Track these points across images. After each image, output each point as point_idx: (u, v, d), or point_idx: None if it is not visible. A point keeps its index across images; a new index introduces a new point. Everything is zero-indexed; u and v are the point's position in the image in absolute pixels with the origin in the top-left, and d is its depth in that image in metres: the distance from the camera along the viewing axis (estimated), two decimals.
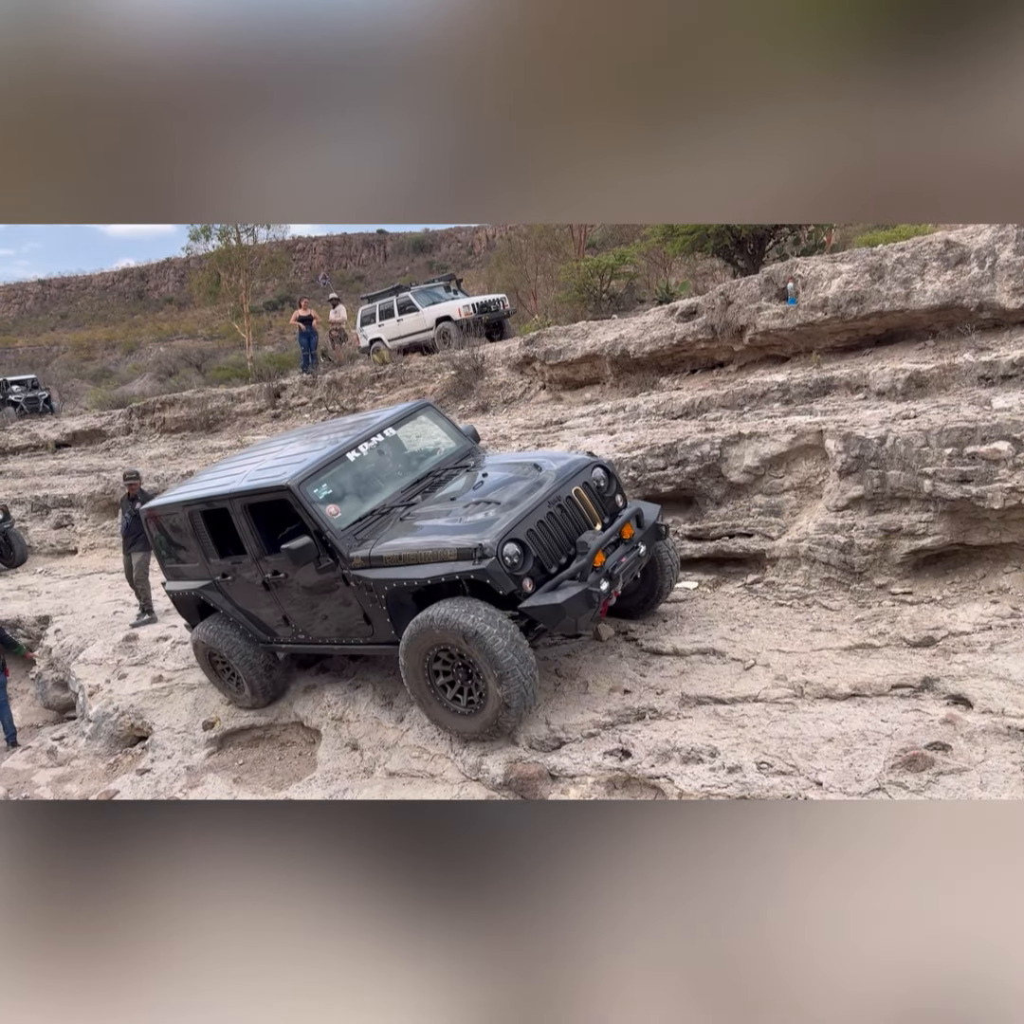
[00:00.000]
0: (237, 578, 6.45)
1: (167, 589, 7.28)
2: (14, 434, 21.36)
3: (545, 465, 5.60)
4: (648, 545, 5.46)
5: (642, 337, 9.35)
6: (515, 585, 4.87)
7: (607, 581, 5.04)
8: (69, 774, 7.52)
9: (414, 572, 5.14)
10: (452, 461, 6.23)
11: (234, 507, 6.07)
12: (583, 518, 5.32)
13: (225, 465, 7.13)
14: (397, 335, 16.75)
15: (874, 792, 3.96)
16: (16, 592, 12.04)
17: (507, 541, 4.89)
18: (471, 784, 5.08)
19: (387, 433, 6.24)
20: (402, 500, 5.82)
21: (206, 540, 6.50)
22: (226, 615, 6.74)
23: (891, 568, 5.75)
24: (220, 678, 6.99)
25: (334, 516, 5.59)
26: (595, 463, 5.63)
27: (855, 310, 7.33)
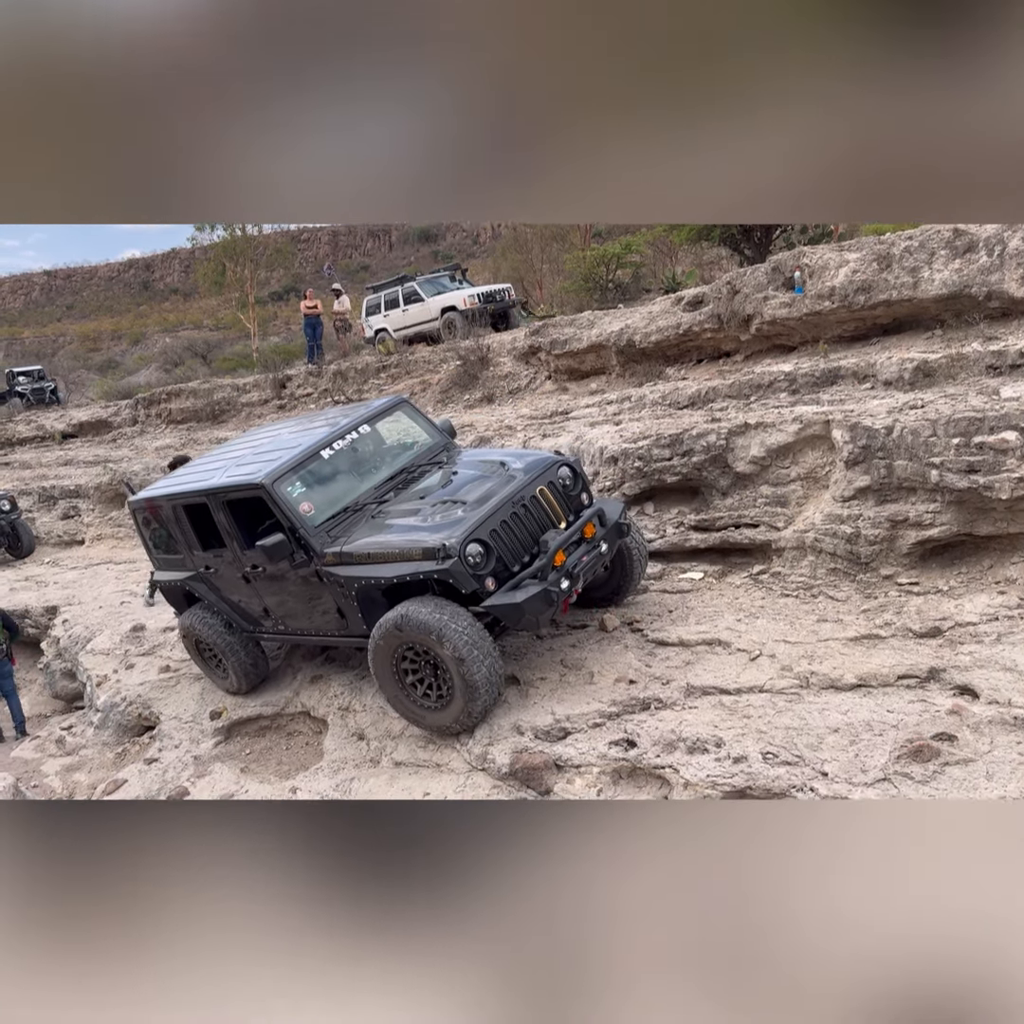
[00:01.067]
0: (219, 570, 6.60)
1: (154, 579, 7.48)
2: (21, 425, 21.42)
3: (512, 464, 5.71)
4: (610, 543, 5.55)
5: (648, 327, 9.31)
6: (477, 584, 5.01)
7: (567, 580, 5.16)
8: (78, 763, 7.58)
9: (382, 571, 5.29)
10: (426, 458, 6.33)
11: (213, 502, 6.20)
12: (547, 517, 5.44)
13: (208, 458, 7.29)
14: (402, 325, 16.72)
15: (880, 782, 3.96)
16: (24, 582, 12.10)
17: (470, 541, 5.03)
18: (477, 774, 5.09)
19: (362, 430, 6.34)
20: (375, 497, 5.93)
21: (189, 533, 6.64)
22: (211, 604, 6.89)
23: (898, 558, 5.73)
24: (207, 664, 7.18)
25: (307, 513, 5.72)
26: (561, 462, 5.73)
27: (862, 299, 7.28)
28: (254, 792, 5.84)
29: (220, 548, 6.46)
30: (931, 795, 3.81)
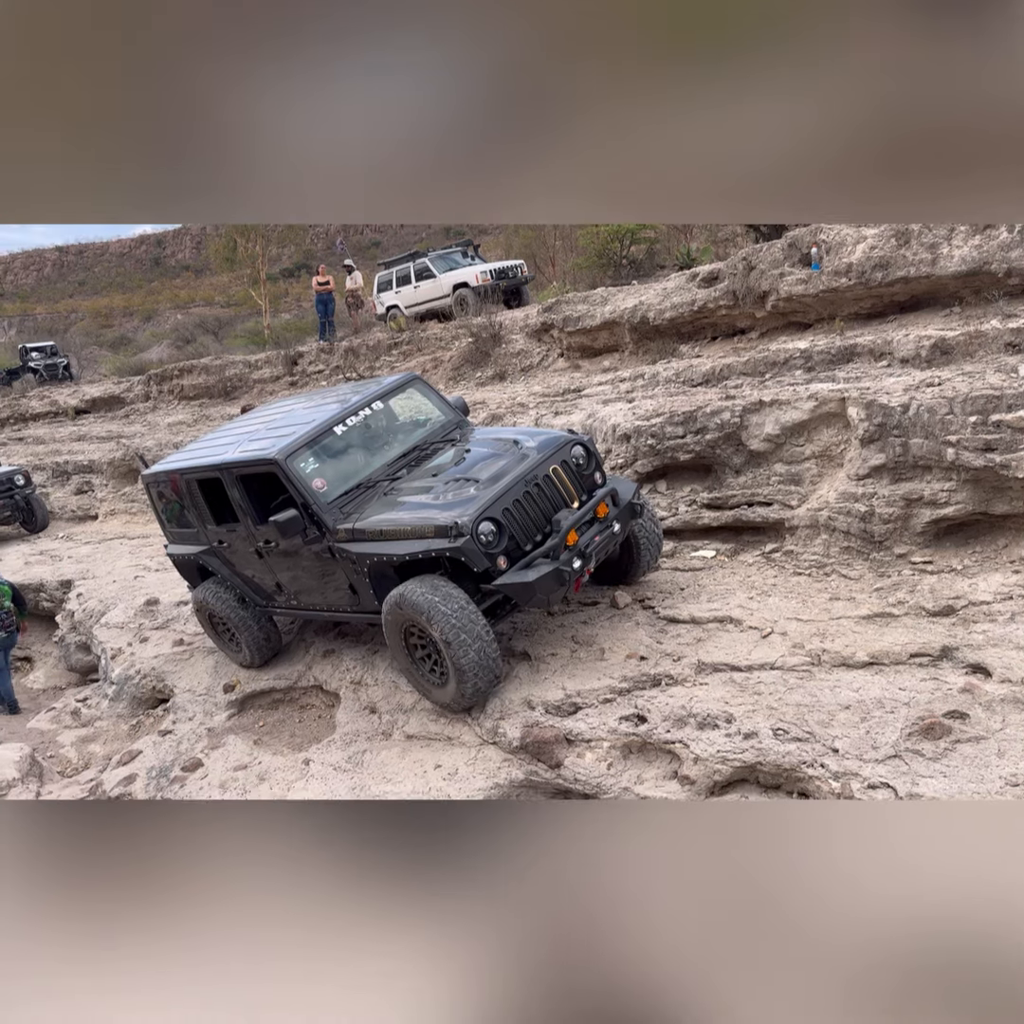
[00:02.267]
0: (232, 545, 6.61)
1: (168, 552, 7.51)
2: (34, 400, 21.50)
3: (525, 442, 5.66)
4: (623, 523, 5.52)
5: (662, 303, 9.24)
6: (489, 563, 5.01)
7: (580, 559, 5.15)
8: (92, 735, 7.67)
9: (394, 547, 5.29)
10: (439, 435, 6.30)
11: (226, 477, 6.20)
12: (560, 496, 5.40)
13: (221, 432, 7.28)
14: (414, 302, 16.64)
15: (891, 759, 3.97)
16: (39, 557, 12.20)
17: (482, 520, 5.02)
18: (488, 747, 5.13)
19: (375, 406, 6.31)
20: (387, 474, 5.92)
21: (203, 507, 6.65)
22: (224, 579, 6.92)
23: (912, 537, 5.70)
24: (220, 638, 7.23)
25: (320, 490, 5.73)
26: (575, 440, 5.68)
27: (880, 276, 7.20)
28: (267, 763, 5.90)
29: (233, 523, 6.46)
30: (942, 772, 3.82)
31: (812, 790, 4.08)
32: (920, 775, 3.84)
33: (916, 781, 3.81)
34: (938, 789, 3.73)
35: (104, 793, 6.26)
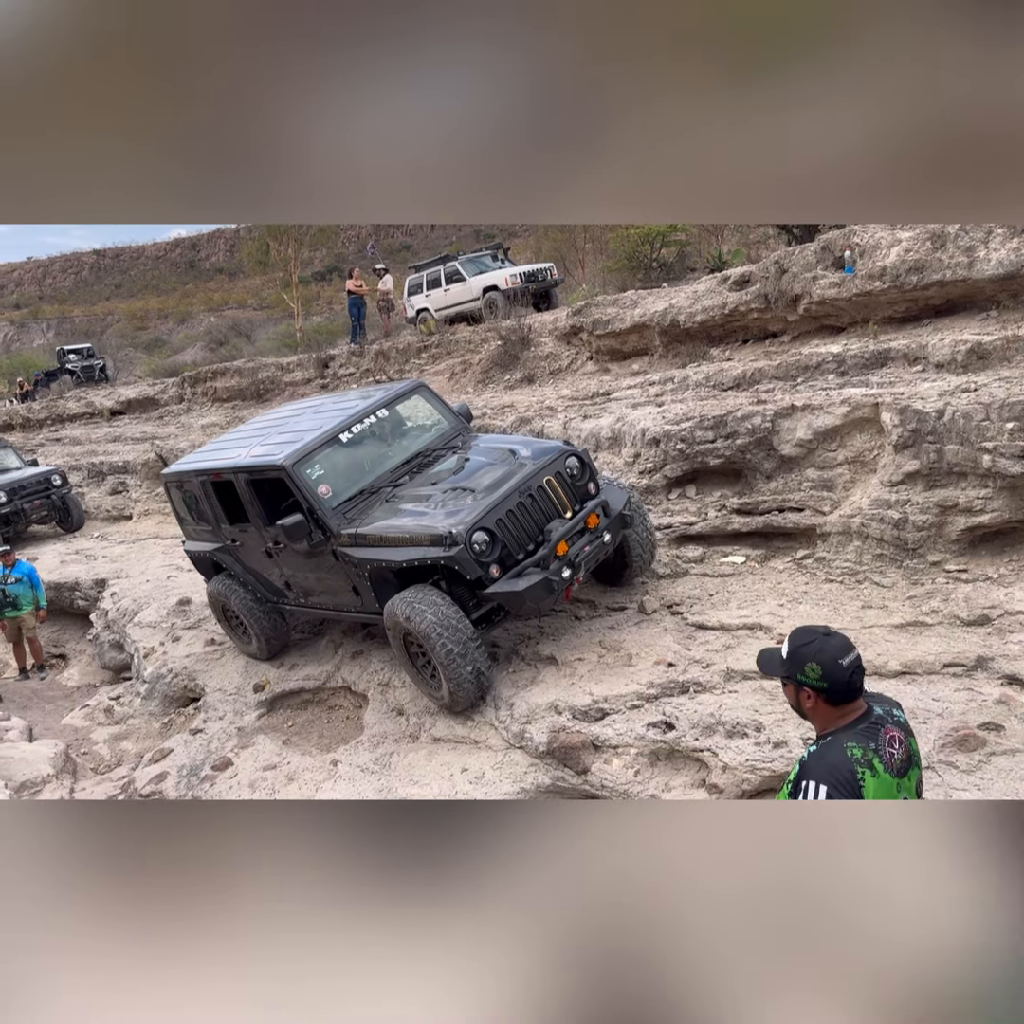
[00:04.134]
0: (244, 544, 6.88)
1: (185, 549, 7.88)
2: (71, 402, 21.91)
3: (521, 452, 5.83)
4: (613, 533, 5.69)
5: (693, 306, 9.19)
6: (482, 571, 5.19)
7: (569, 569, 5.32)
8: (125, 732, 7.79)
9: (392, 554, 5.49)
10: (441, 442, 6.49)
11: (238, 480, 6.44)
12: (553, 506, 5.55)
13: (236, 433, 7.59)
14: (444, 305, 16.70)
15: (924, 771, 3.90)
16: (74, 556, 12.41)
17: (476, 530, 5.19)
18: (514, 751, 5.13)
19: (380, 414, 6.51)
20: (390, 480, 6.13)
21: (216, 507, 6.92)
22: (237, 574, 7.22)
23: (946, 545, 5.61)
24: (232, 628, 7.53)
25: (325, 496, 5.95)
26: (569, 452, 5.80)
27: (915, 279, 7.10)
28: (296, 764, 5.95)
29: (245, 523, 6.70)
30: (976, 784, 3.75)
31: None
32: (953, 787, 3.77)
33: (950, 793, 3.74)
34: None
35: (136, 791, 6.35)
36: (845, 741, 2.19)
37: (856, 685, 2.23)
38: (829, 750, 2.20)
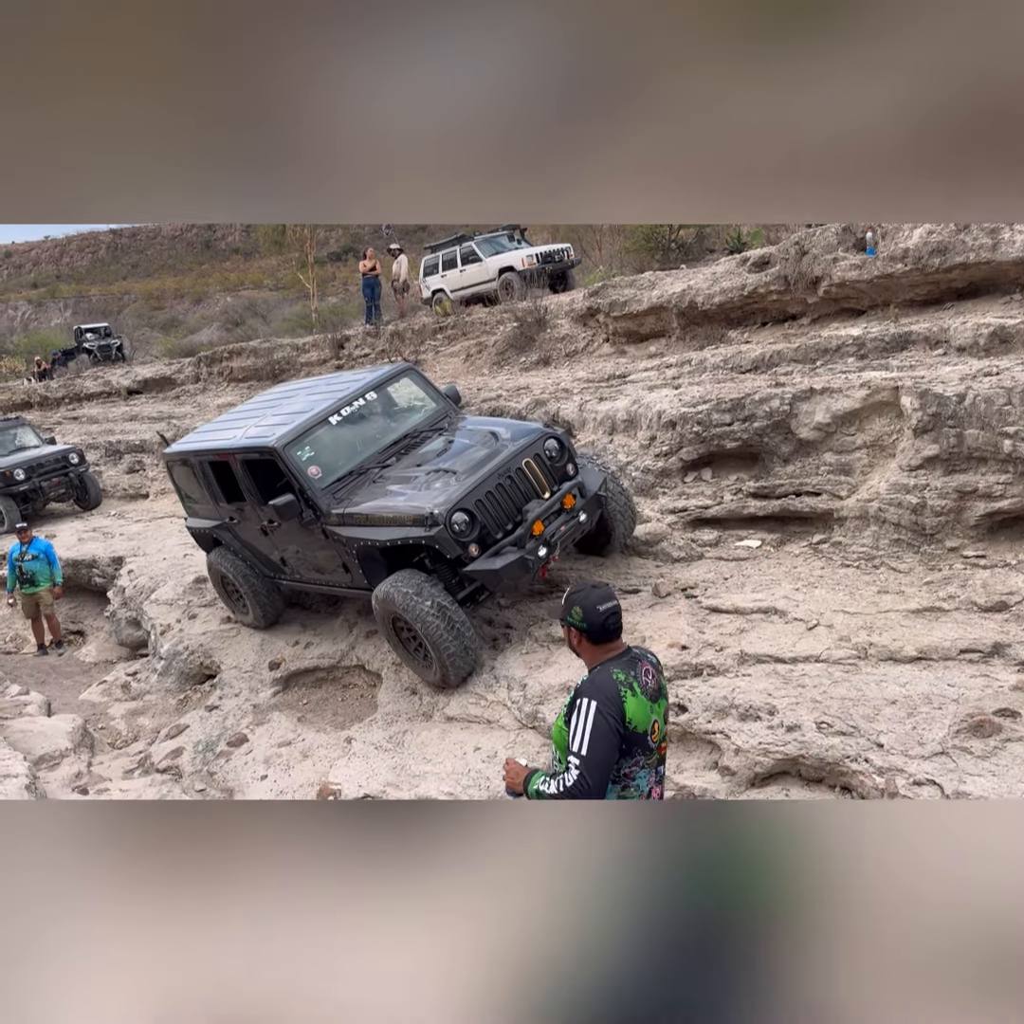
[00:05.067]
0: (241, 522, 7.15)
1: (187, 526, 8.20)
2: (88, 381, 22.01)
3: (503, 435, 6.03)
4: (589, 513, 5.87)
5: (711, 288, 9.11)
6: (461, 550, 5.41)
7: (545, 548, 5.53)
8: (142, 708, 7.87)
9: (377, 533, 5.72)
10: (429, 424, 6.69)
11: (233, 460, 6.68)
12: (532, 487, 5.74)
13: (235, 413, 7.87)
14: (459, 286, 16.61)
15: (938, 756, 3.89)
16: (91, 533, 12.51)
17: (456, 510, 5.39)
18: (527, 731, 5.16)
19: (368, 397, 6.70)
20: (378, 461, 6.34)
21: (214, 486, 7.16)
22: (236, 550, 7.51)
23: (964, 530, 5.57)
24: (230, 598, 7.81)
25: (315, 476, 6.15)
26: (549, 434, 6.00)
27: (937, 262, 7.00)
28: (311, 740, 6.00)
29: (242, 502, 6.93)
30: (991, 770, 3.74)
31: (855, 785, 4.02)
32: (968, 773, 3.76)
33: (963, 779, 3.73)
34: (986, 788, 3.65)
35: (152, 766, 6.43)
36: (612, 668, 2.67)
37: (610, 627, 2.70)
38: (599, 675, 2.68)
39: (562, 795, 2.58)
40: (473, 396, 10.27)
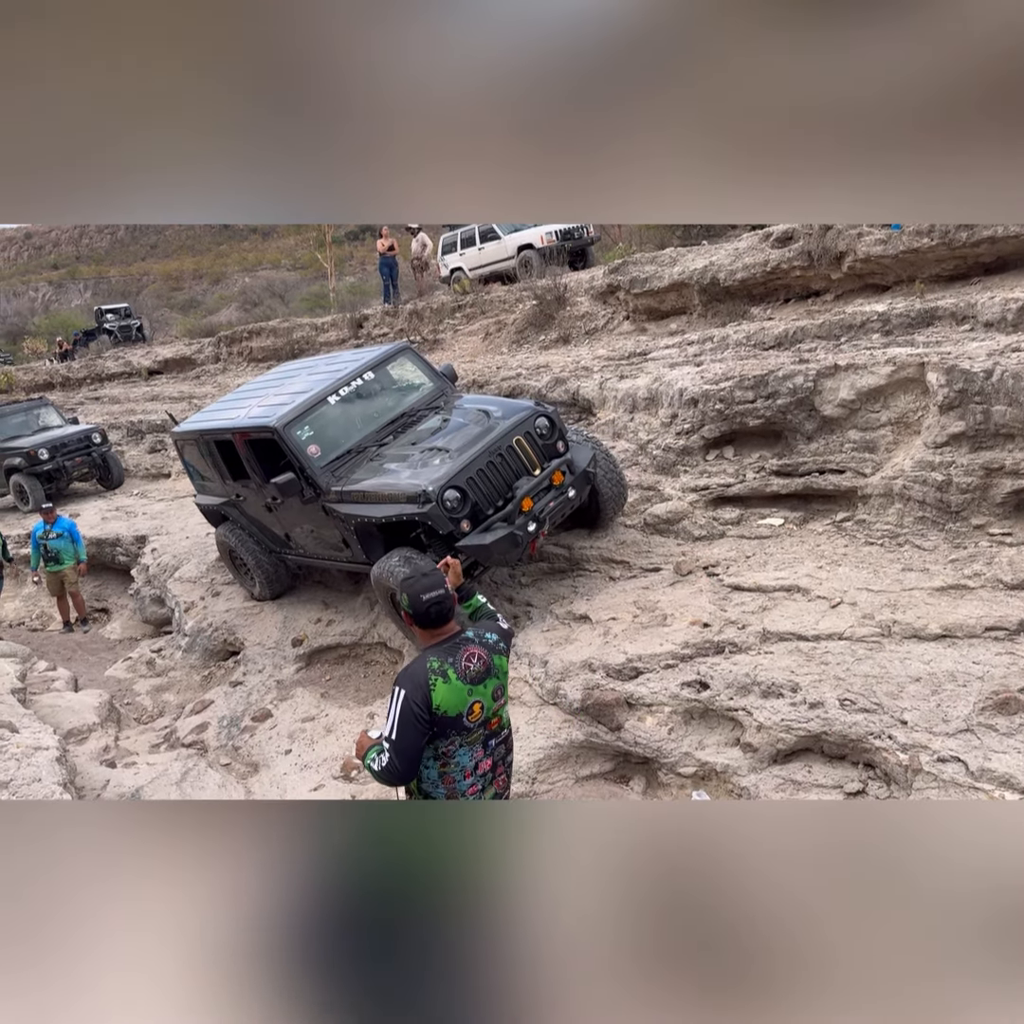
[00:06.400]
0: (247, 499, 7.39)
1: (196, 503, 8.50)
2: (109, 361, 22.13)
3: (495, 413, 6.16)
4: (578, 489, 6.01)
5: (733, 264, 9.00)
6: (453, 526, 5.56)
7: (535, 523, 5.68)
8: (167, 684, 7.98)
9: (373, 510, 5.88)
10: (425, 403, 6.85)
11: (236, 440, 6.88)
12: (522, 464, 5.89)
13: (240, 393, 8.10)
14: (478, 264, 16.53)
15: (962, 733, 3.88)
16: (115, 512, 12.63)
17: (448, 488, 5.53)
18: (548, 707, 5.18)
19: (366, 376, 6.86)
20: (375, 440, 6.52)
21: (220, 465, 7.40)
22: (243, 525, 7.77)
23: (990, 508, 5.51)
24: (237, 571, 8.11)
25: (314, 455, 6.33)
26: (539, 412, 6.12)
27: (964, 236, 6.88)
28: (334, 716, 6.07)
29: (247, 479, 7.13)
30: (1016, 748, 3.72)
31: (879, 761, 4.03)
32: (993, 750, 3.75)
33: (988, 756, 3.72)
34: (1011, 765, 3.64)
35: (178, 740, 6.52)
36: (429, 656, 2.84)
37: (432, 615, 2.85)
38: (416, 662, 2.85)
39: (379, 774, 2.82)
40: (492, 375, 10.24)
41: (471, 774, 2.92)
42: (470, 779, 2.92)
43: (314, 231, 33.36)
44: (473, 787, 2.94)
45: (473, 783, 2.94)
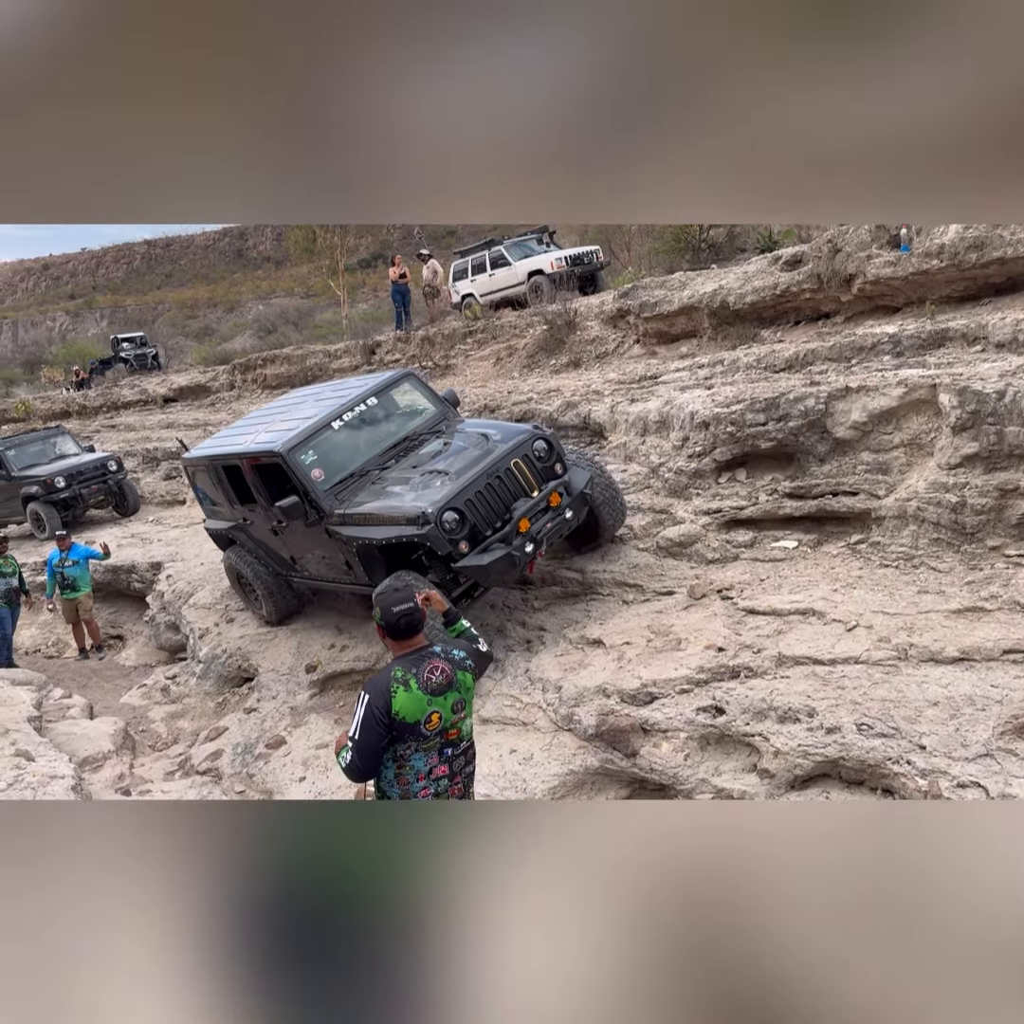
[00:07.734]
0: (254, 523, 7.53)
1: (205, 527, 8.70)
2: (125, 389, 22.38)
3: (494, 436, 6.28)
4: (575, 510, 6.08)
5: (743, 287, 9.05)
6: (452, 547, 5.65)
7: (532, 544, 5.75)
8: (181, 711, 7.99)
9: (375, 532, 5.98)
10: (427, 427, 7.00)
11: (244, 465, 7.04)
12: (520, 486, 5.99)
13: (248, 420, 8.30)
14: (489, 290, 16.67)
15: (981, 758, 3.84)
16: (130, 539, 12.71)
17: (446, 509, 5.63)
18: (563, 734, 5.16)
19: (370, 402, 7.03)
20: (378, 464, 6.66)
21: (228, 489, 7.57)
22: (250, 549, 7.90)
23: (1006, 529, 5.47)
24: (245, 594, 8.22)
25: (318, 479, 6.45)
26: (537, 435, 6.25)
27: (974, 257, 6.90)
28: None
29: (254, 503, 7.27)
30: None
31: (897, 787, 3.98)
32: (1013, 775, 3.70)
33: (1009, 781, 3.67)
34: None
35: (193, 768, 6.52)
36: (396, 666, 3.06)
37: (402, 627, 3.07)
38: (382, 673, 3.07)
39: (344, 770, 3.06)
40: (504, 399, 10.29)
41: (424, 777, 3.09)
42: (423, 782, 3.09)
43: (327, 259, 33.69)
44: (425, 790, 3.10)
45: (425, 786, 3.10)
